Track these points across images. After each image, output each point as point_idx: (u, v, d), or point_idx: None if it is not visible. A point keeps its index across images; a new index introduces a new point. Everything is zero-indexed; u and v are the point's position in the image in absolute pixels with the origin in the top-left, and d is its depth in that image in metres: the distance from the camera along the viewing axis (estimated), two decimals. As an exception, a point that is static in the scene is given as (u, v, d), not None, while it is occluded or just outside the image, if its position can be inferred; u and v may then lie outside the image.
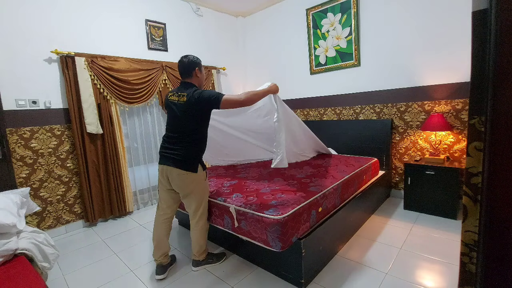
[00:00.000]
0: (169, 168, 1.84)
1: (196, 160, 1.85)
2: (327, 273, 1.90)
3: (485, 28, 0.66)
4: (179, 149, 1.81)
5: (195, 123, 1.79)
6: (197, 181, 1.87)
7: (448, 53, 2.69)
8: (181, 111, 1.78)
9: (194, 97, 1.73)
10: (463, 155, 2.73)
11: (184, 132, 1.80)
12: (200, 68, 1.91)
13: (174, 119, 1.84)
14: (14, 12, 2.48)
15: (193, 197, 1.92)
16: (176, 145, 1.82)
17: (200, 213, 1.96)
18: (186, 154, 1.81)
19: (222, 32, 4.39)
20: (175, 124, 1.84)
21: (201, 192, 1.93)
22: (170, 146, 1.84)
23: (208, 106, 1.75)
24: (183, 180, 1.84)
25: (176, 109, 1.81)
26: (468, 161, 0.74)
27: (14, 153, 2.51)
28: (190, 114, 1.76)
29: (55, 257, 1.73)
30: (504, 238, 0.67)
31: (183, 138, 1.81)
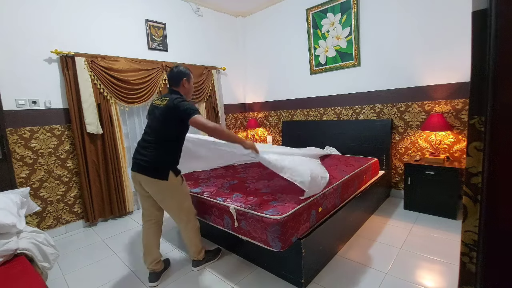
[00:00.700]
0: (140, 175, 1.78)
1: (166, 167, 1.77)
2: (327, 273, 1.90)
3: (485, 28, 0.66)
4: (149, 155, 1.75)
5: (171, 128, 1.77)
6: (170, 188, 1.81)
7: (448, 53, 2.69)
8: (160, 114, 1.77)
9: (173, 103, 1.73)
10: (463, 155, 2.73)
11: (159, 136, 1.76)
12: (188, 79, 1.90)
13: (152, 121, 1.83)
14: (14, 12, 2.48)
15: (169, 203, 1.87)
16: (147, 150, 1.76)
17: (185, 217, 1.92)
18: (156, 161, 1.75)
19: (222, 32, 4.39)
20: (152, 127, 1.82)
21: (177, 198, 1.86)
22: (142, 151, 1.79)
23: (180, 116, 1.71)
24: (154, 187, 1.79)
25: (157, 112, 1.80)
26: (468, 161, 0.74)
27: (14, 153, 2.51)
28: (167, 118, 1.75)
29: (55, 257, 1.73)
30: (504, 238, 0.67)
31: (156, 143, 1.76)
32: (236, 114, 4.75)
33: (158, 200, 1.86)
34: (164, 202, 1.86)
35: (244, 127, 4.93)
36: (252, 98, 4.81)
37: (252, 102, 4.81)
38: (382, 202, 3.09)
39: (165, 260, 2.08)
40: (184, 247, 2.41)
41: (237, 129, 4.78)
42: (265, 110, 4.62)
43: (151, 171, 1.74)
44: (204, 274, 2.00)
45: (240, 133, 4.84)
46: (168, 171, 1.77)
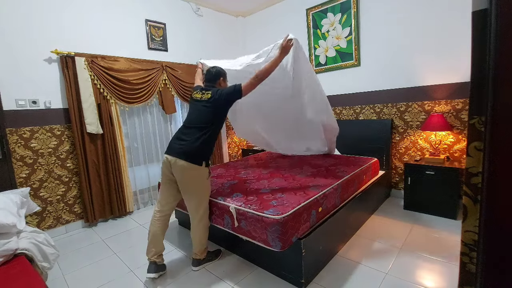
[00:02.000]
0: (173, 159, 1.86)
1: (202, 155, 1.88)
2: (327, 273, 1.90)
3: (485, 28, 0.66)
4: (189, 141, 1.86)
5: (213, 116, 1.90)
6: (199, 176, 1.89)
7: (448, 53, 2.69)
8: (203, 105, 1.93)
9: (217, 93, 1.92)
10: (463, 155, 2.73)
11: (201, 125, 1.88)
12: (224, 78, 2.12)
13: (194, 112, 1.97)
14: (14, 12, 2.48)
15: (193, 193, 1.93)
16: (188, 136, 1.88)
17: (201, 212, 1.96)
18: (194, 147, 1.85)
19: (222, 32, 4.39)
20: (194, 117, 1.95)
21: (202, 189, 1.94)
22: (181, 137, 1.91)
23: (231, 97, 1.91)
24: (185, 172, 1.86)
25: (199, 104, 1.96)
26: (468, 161, 0.74)
27: (14, 153, 2.51)
28: (212, 107, 1.90)
29: (55, 257, 1.73)
30: (504, 238, 0.67)
31: (197, 131, 1.88)
32: (236, 114, 4.74)
33: (183, 188, 1.93)
34: (188, 191, 1.93)
35: (244, 127, 4.92)
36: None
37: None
38: (382, 202, 3.09)
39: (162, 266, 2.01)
40: (184, 247, 2.41)
41: (237, 129, 4.78)
42: (265, 110, 4.61)
43: (188, 155, 1.83)
44: (204, 274, 2.00)
45: (240, 133, 4.83)
46: (202, 160, 1.86)
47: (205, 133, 1.88)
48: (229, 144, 4.63)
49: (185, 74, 3.72)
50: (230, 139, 4.64)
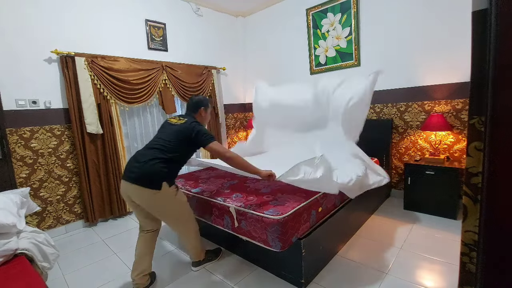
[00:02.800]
0: (129, 185, 1.70)
1: (161, 176, 1.70)
2: (327, 273, 1.90)
3: (485, 28, 0.66)
4: (144, 162, 1.69)
5: (179, 145, 1.77)
6: (163, 199, 1.73)
7: (448, 53, 2.69)
8: (174, 130, 1.82)
9: (191, 125, 1.81)
10: (463, 155, 2.73)
11: (163, 148, 1.74)
12: (206, 108, 2.00)
13: (161, 134, 1.86)
14: (14, 12, 2.48)
15: (165, 216, 1.85)
16: (145, 157, 1.71)
17: (182, 227, 1.92)
18: (150, 168, 1.68)
19: (222, 32, 4.39)
20: (158, 138, 1.82)
21: (172, 210, 1.82)
22: (138, 158, 1.74)
23: (195, 140, 1.78)
24: (144, 199, 1.72)
25: (170, 127, 1.86)
26: (468, 161, 0.74)
27: (14, 153, 2.51)
28: (181, 137, 1.78)
29: (55, 257, 1.73)
30: (504, 238, 0.67)
31: (157, 152, 1.73)
32: (236, 114, 4.75)
33: (153, 212, 1.81)
34: (159, 213, 1.82)
35: (244, 127, 4.92)
36: (252, 98, 4.79)
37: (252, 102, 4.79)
38: (382, 202, 3.09)
39: (151, 274, 1.94)
40: (184, 247, 2.41)
41: (237, 129, 4.78)
42: (265, 110, 4.61)
43: (144, 180, 1.67)
44: (204, 274, 2.00)
45: (240, 133, 4.84)
46: (162, 181, 1.70)
47: (165, 155, 1.72)
48: (229, 144, 4.63)
49: (185, 74, 3.72)
50: (230, 139, 4.64)
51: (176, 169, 1.84)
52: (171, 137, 1.79)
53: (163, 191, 1.70)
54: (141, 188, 1.67)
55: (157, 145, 1.78)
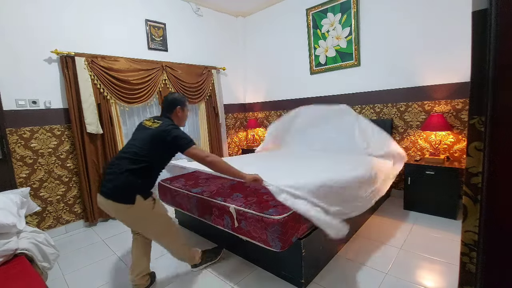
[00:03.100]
0: (102, 199, 1.59)
1: (134, 189, 1.57)
2: (327, 273, 1.90)
3: (485, 28, 0.66)
4: (115, 174, 1.57)
5: (153, 151, 1.63)
6: (138, 213, 1.61)
7: (448, 53, 2.69)
8: (148, 134, 1.66)
9: (166, 128, 1.65)
10: (463, 155, 2.73)
11: (135, 157, 1.60)
12: (182, 107, 1.84)
13: (134, 140, 1.70)
14: (14, 12, 2.48)
15: (143, 229, 1.74)
16: (116, 168, 1.58)
17: (164, 241, 1.79)
18: (122, 182, 1.55)
19: (222, 32, 4.39)
20: (132, 145, 1.67)
21: (150, 223, 1.69)
22: (111, 169, 1.62)
23: (172, 144, 1.64)
24: (119, 214, 1.62)
25: (144, 131, 1.71)
26: (468, 161, 0.74)
27: (14, 153, 2.51)
28: (156, 142, 1.64)
29: (55, 257, 1.73)
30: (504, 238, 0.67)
31: (128, 163, 1.59)
32: (236, 114, 4.75)
33: (131, 227, 1.73)
34: (138, 228, 1.73)
35: (244, 127, 4.93)
36: (252, 98, 4.81)
37: (252, 102, 4.81)
38: (382, 202, 3.09)
39: (151, 274, 1.91)
40: (184, 247, 2.41)
41: (237, 129, 4.78)
42: (265, 110, 4.62)
43: (116, 195, 1.56)
44: (204, 274, 2.00)
45: (240, 133, 4.84)
46: (135, 194, 1.56)
47: (137, 166, 1.58)
48: (229, 144, 4.63)
49: (185, 74, 3.72)
50: (230, 139, 4.64)
51: (152, 179, 1.70)
52: (145, 143, 1.64)
53: (138, 205, 1.57)
54: (114, 204, 1.56)
55: (130, 153, 1.63)
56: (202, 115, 4.05)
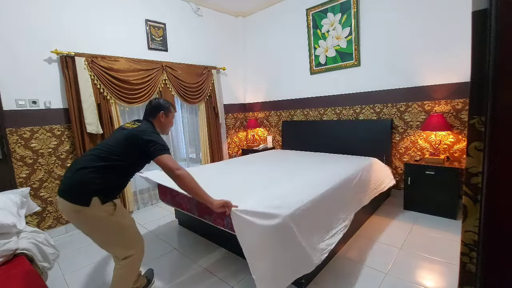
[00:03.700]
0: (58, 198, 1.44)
1: (92, 189, 1.39)
2: (327, 273, 1.90)
3: (485, 28, 0.66)
4: (77, 170, 1.41)
5: (124, 152, 1.48)
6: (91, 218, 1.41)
7: (448, 53, 2.69)
8: (123, 135, 1.53)
9: (141, 129, 1.54)
10: (463, 155, 2.73)
11: (105, 154, 1.45)
12: (166, 113, 1.72)
13: (110, 141, 1.55)
14: (14, 12, 2.48)
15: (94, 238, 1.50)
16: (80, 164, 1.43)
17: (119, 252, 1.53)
18: (80, 178, 1.39)
19: (222, 32, 4.39)
20: (104, 144, 1.53)
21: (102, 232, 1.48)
22: (72, 165, 1.48)
23: (144, 148, 1.47)
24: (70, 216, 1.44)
25: (120, 131, 1.58)
26: (468, 161, 0.74)
27: (14, 153, 2.51)
28: (129, 143, 1.49)
29: (55, 257, 1.73)
30: (504, 238, 0.67)
31: (96, 159, 1.44)
32: (236, 114, 4.75)
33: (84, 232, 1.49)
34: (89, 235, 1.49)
35: (244, 127, 4.93)
36: (252, 98, 4.81)
37: (252, 102, 4.81)
38: (382, 202, 3.09)
39: (148, 272, 1.88)
40: (184, 247, 2.41)
41: (237, 129, 4.78)
42: (265, 110, 4.62)
43: (71, 192, 1.40)
44: (205, 274, 2.00)
45: (240, 133, 4.84)
46: (91, 196, 1.38)
47: (102, 162, 1.43)
48: (229, 144, 4.64)
49: (185, 74, 3.72)
50: (230, 139, 4.64)
51: (116, 182, 1.50)
52: (118, 142, 1.50)
53: (92, 209, 1.38)
54: (65, 202, 1.39)
55: (98, 150, 1.49)
56: (202, 115, 4.05)
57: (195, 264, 2.13)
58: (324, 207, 1.90)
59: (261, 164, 3.05)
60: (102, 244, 1.54)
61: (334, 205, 2.01)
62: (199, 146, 4.13)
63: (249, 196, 1.88)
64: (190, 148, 4.14)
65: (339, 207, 2.06)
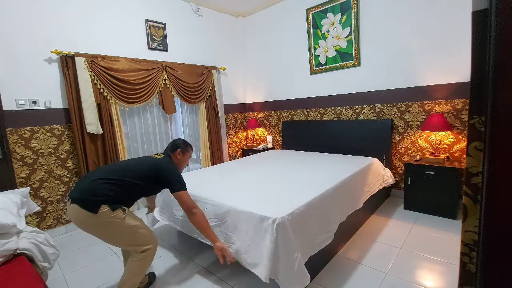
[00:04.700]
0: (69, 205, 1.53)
1: (103, 197, 1.49)
2: (327, 273, 1.90)
3: (485, 28, 0.66)
4: (94, 180, 1.53)
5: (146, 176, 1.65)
6: (99, 224, 1.51)
7: (448, 53, 2.69)
8: (150, 161, 1.75)
9: (166, 161, 1.76)
10: (463, 155, 2.73)
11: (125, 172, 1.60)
12: (183, 152, 1.92)
13: (131, 161, 1.80)
14: (14, 12, 2.48)
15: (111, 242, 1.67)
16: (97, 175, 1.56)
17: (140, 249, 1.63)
18: (95, 187, 1.51)
19: (222, 32, 4.39)
20: (125, 164, 1.74)
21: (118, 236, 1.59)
22: (90, 177, 1.58)
23: (166, 180, 1.67)
24: (80, 223, 1.53)
25: (147, 159, 1.80)
26: (468, 161, 0.74)
27: (14, 153, 2.51)
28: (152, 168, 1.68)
29: (55, 257, 1.73)
30: (504, 238, 0.67)
31: (112, 174, 1.58)
32: (236, 114, 4.75)
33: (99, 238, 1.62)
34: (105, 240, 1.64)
35: (244, 127, 4.93)
36: (252, 98, 4.81)
37: (252, 102, 4.81)
38: (382, 202, 3.09)
39: (149, 274, 1.92)
40: (184, 247, 2.41)
41: (237, 129, 4.78)
42: (265, 110, 4.62)
43: (83, 199, 1.48)
44: (205, 274, 2.00)
45: (240, 133, 4.84)
46: (101, 203, 1.48)
47: (123, 180, 1.57)
48: (229, 144, 4.64)
49: (185, 74, 3.72)
50: (230, 139, 4.64)
51: (126, 199, 1.65)
52: (141, 167, 1.68)
53: (100, 215, 1.47)
54: (78, 209, 1.47)
55: (120, 167, 1.67)
56: (202, 115, 4.05)
57: (194, 264, 2.13)
58: (321, 209, 1.89)
59: (260, 165, 3.05)
60: (120, 245, 1.70)
61: (331, 207, 2.00)
62: (199, 146, 4.14)
63: (248, 197, 1.89)
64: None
65: (335, 209, 2.05)
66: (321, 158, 3.16)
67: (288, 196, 1.90)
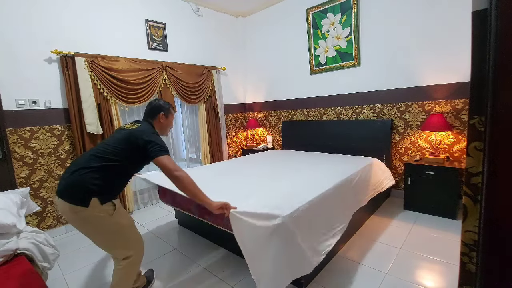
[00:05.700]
0: (56, 199, 1.44)
1: (91, 189, 1.38)
2: (327, 273, 1.90)
3: (485, 28, 0.66)
4: (76, 170, 1.40)
5: (124, 152, 1.48)
6: (90, 219, 1.40)
7: (448, 53, 2.69)
8: (124, 134, 1.52)
9: (142, 129, 1.54)
10: (463, 155, 2.73)
11: (105, 155, 1.45)
12: (166, 114, 1.73)
13: (108, 140, 1.56)
14: (14, 12, 2.48)
15: (94, 239, 1.51)
16: (79, 165, 1.42)
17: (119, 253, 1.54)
18: (79, 179, 1.38)
19: (222, 32, 4.39)
20: (104, 143, 1.53)
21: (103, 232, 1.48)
22: (70, 167, 1.47)
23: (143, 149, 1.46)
24: (70, 217, 1.42)
25: (120, 131, 1.58)
26: (468, 161, 0.74)
27: (14, 153, 2.51)
28: (128, 141, 1.49)
29: (55, 257, 1.73)
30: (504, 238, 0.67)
31: (96, 160, 1.43)
32: (236, 114, 4.75)
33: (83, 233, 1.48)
34: (89, 236, 1.49)
35: (244, 127, 4.93)
36: (252, 98, 4.81)
37: (252, 102, 4.81)
38: (382, 202, 3.09)
39: (148, 272, 1.91)
40: (184, 247, 2.41)
41: (237, 129, 4.78)
42: (265, 110, 4.62)
43: (70, 193, 1.38)
44: (205, 274, 2.00)
45: (240, 133, 4.84)
46: (91, 196, 1.37)
47: (101, 163, 1.42)
48: (229, 144, 4.64)
49: (185, 74, 3.72)
50: (230, 139, 4.64)
51: (115, 182, 1.50)
52: (119, 142, 1.49)
53: (91, 209, 1.37)
54: (64, 203, 1.38)
55: (97, 150, 1.48)
56: (202, 115, 4.05)
57: (195, 264, 2.13)
58: (324, 207, 1.90)
59: (260, 164, 3.05)
60: (101, 244, 1.54)
61: (333, 205, 2.01)
62: (199, 146, 4.13)
63: (249, 197, 1.89)
64: (190, 148, 4.14)
65: (338, 207, 2.06)
66: (321, 158, 3.16)
67: (288, 195, 1.89)
